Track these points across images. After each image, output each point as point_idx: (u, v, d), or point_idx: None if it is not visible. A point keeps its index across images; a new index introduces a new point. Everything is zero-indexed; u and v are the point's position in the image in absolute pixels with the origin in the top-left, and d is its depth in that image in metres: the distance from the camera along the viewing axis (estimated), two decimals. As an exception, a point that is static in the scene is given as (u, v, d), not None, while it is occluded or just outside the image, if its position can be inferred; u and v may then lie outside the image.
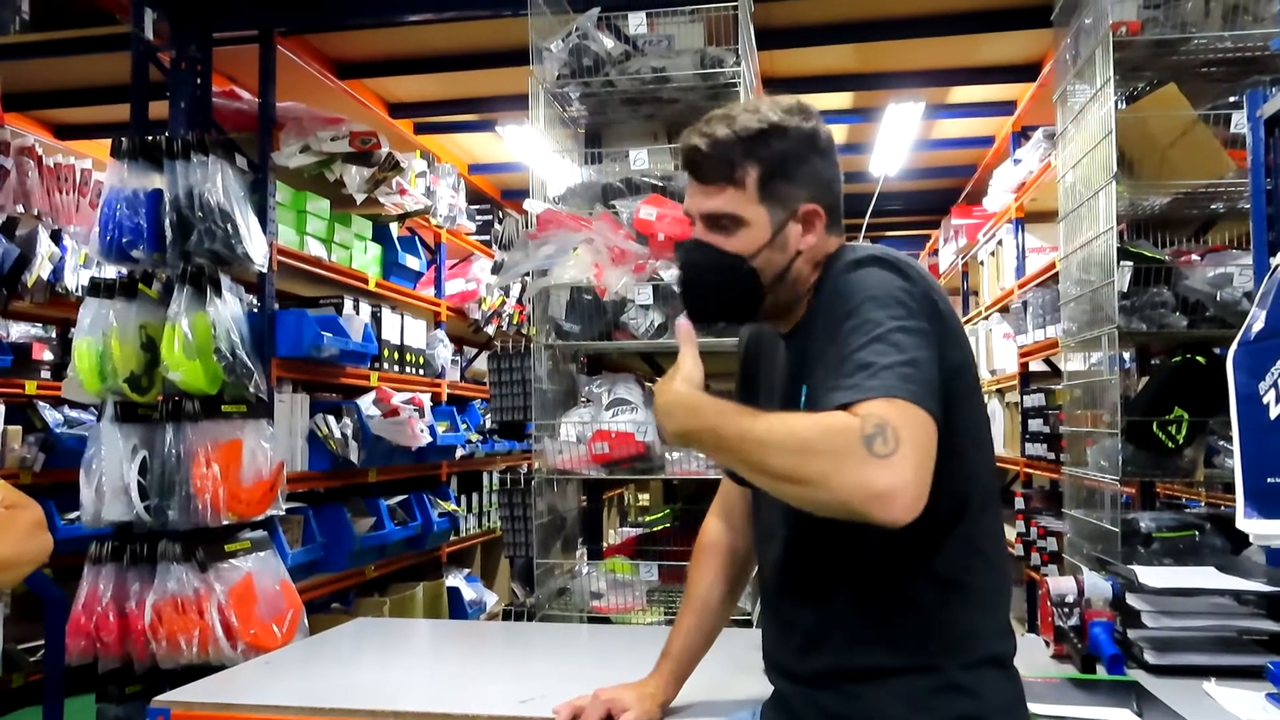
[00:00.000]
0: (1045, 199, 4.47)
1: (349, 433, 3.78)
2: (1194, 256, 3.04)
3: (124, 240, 3.16)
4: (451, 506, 4.81)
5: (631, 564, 2.95)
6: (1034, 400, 4.76)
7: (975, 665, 1.28)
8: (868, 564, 1.31)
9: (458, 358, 5.38)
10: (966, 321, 6.49)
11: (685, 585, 1.67)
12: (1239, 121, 2.88)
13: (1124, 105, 3.05)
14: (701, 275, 1.40)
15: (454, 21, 3.87)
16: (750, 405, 1.55)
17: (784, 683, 1.42)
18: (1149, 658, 1.87)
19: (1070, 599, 1.99)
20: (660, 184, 2.96)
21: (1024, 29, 3.98)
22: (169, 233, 3.15)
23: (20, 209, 4.28)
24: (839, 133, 5.37)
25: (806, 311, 1.40)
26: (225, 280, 3.23)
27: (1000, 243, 5.43)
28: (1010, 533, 5.02)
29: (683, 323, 1.41)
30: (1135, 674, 1.84)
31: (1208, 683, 1.75)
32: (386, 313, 4.25)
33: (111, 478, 3.10)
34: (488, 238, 5.62)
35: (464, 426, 4.94)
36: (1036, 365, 4.93)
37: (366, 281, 4.15)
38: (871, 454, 1.09)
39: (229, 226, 3.15)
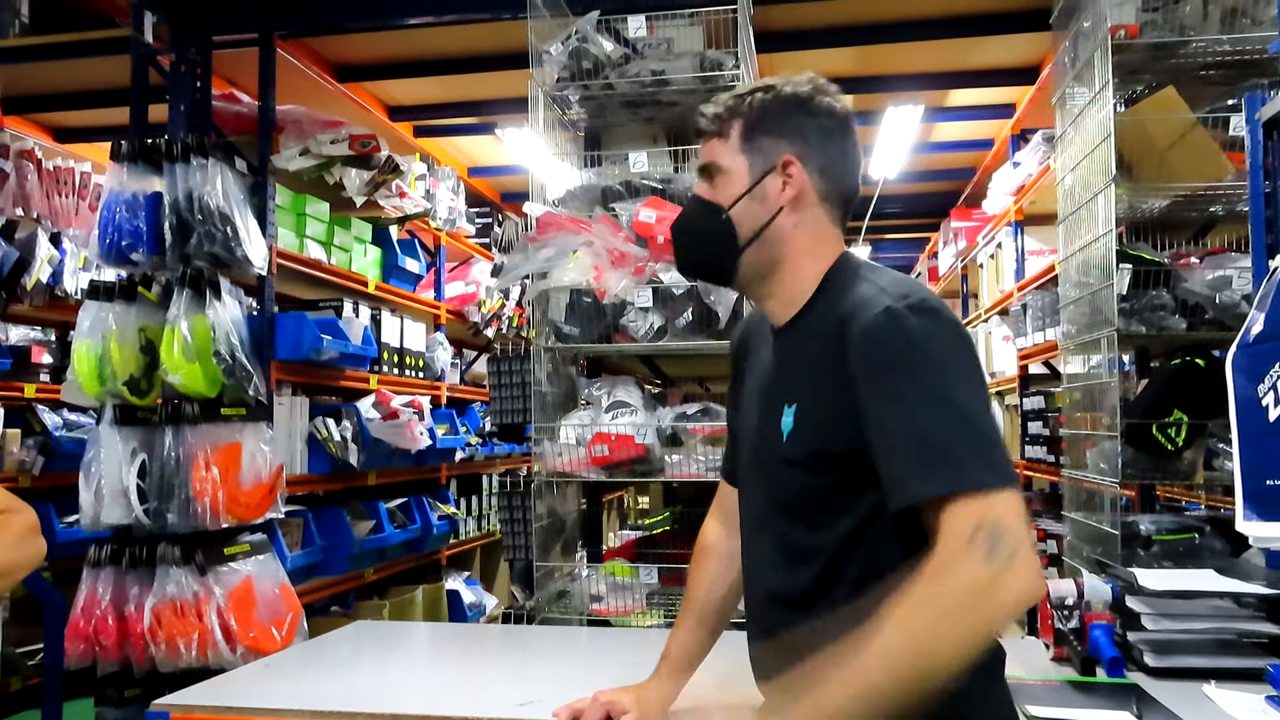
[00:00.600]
0: (1044, 202, 4.47)
1: (348, 435, 3.78)
2: (1193, 259, 3.04)
3: (123, 243, 3.16)
4: (451, 509, 4.81)
5: (631, 567, 2.95)
6: (1033, 403, 4.76)
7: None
8: (852, 575, 1.30)
9: (457, 360, 5.38)
10: (967, 324, 6.49)
11: (685, 588, 1.67)
12: (1237, 124, 2.88)
13: (1123, 108, 3.05)
14: (685, 222, 1.46)
15: (453, 24, 3.87)
16: (737, 407, 1.55)
17: (770, 690, 1.42)
18: (1149, 660, 1.87)
19: (1070, 602, 1.98)
20: (660, 186, 2.96)
21: (1023, 32, 3.99)
22: (168, 236, 3.15)
23: (20, 212, 4.29)
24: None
25: (804, 313, 1.38)
26: (225, 283, 3.23)
27: (1000, 245, 5.44)
28: (1010, 535, 5.01)
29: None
30: (1135, 676, 1.84)
31: (1207, 685, 1.75)
32: (386, 315, 4.25)
33: (111, 481, 3.09)
34: (487, 240, 5.63)
35: (463, 429, 4.94)
36: (1036, 368, 4.93)
37: (366, 284, 4.16)
38: (993, 567, 1.08)
39: (228, 229, 3.15)
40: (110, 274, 3.35)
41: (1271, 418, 1.55)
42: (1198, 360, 2.97)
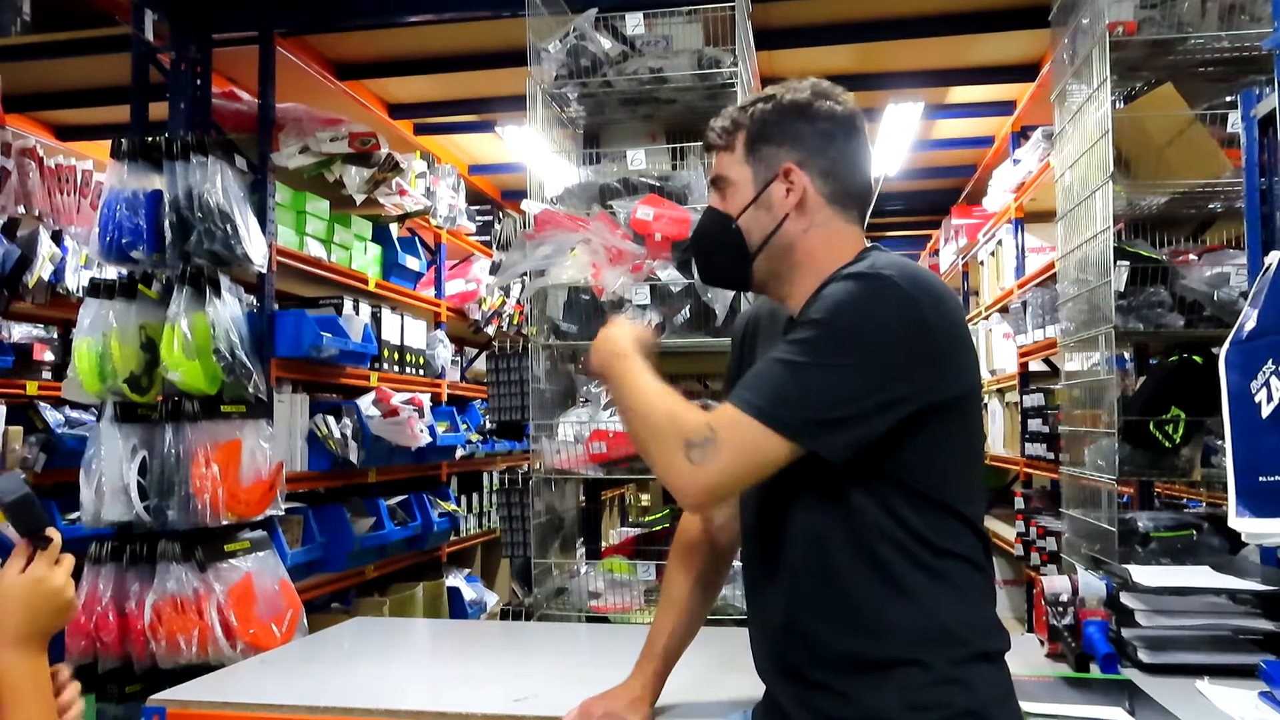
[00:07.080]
0: (1044, 199, 4.47)
1: (349, 433, 3.78)
2: (1191, 256, 3.04)
3: (124, 241, 3.17)
4: (451, 506, 4.81)
5: (629, 564, 2.95)
6: (1033, 400, 4.76)
7: (967, 660, 1.29)
8: (857, 559, 1.31)
9: (458, 358, 5.38)
10: (968, 321, 6.47)
11: (664, 582, 1.67)
12: (1235, 121, 2.88)
13: (1121, 105, 3.05)
14: (700, 234, 1.52)
15: (453, 22, 3.87)
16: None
17: (774, 679, 1.43)
18: (1143, 656, 1.87)
19: (1065, 598, 1.99)
20: (658, 184, 2.96)
21: (1022, 29, 3.98)
22: (168, 233, 3.16)
23: (21, 210, 4.29)
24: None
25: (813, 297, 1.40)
26: (225, 281, 3.24)
27: (1000, 242, 5.43)
28: (1010, 532, 5.03)
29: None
30: (1129, 673, 1.84)
31: (1201, 681, 1.75)
32: (386, 313, 4.25)
33: (111, 478, 3.10)
34: (488, 238, 5.63)
35: (464, 427, 4.95)
36: (1036, 365, 4.93)
37: (366, 282, 4.16)
38: (685, 457, 1.27)
39: (228, 227, 3.16)
40: (111, 272, 3.36)
41: (1264, 414, 1.55)
42: (1195, 357, 2.97)
